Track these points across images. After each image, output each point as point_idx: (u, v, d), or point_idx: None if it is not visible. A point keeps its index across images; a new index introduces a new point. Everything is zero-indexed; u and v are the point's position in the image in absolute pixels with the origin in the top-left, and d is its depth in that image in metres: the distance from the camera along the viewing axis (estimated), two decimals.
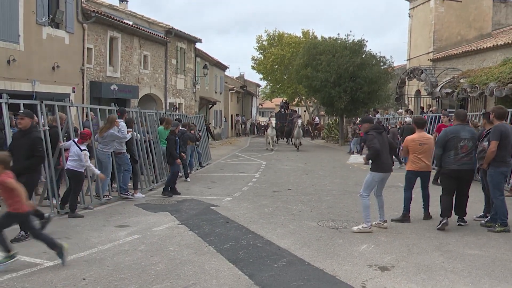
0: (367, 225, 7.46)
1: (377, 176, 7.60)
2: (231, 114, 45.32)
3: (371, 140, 7.52)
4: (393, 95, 28.53)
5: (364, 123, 8.09)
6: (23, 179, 6.31)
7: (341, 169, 16.71)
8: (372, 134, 7.57)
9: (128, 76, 21.49)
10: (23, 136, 6.82)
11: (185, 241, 6.91)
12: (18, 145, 6.76)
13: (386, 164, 7.63)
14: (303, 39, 43.01)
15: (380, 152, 7.49)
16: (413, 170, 8.27)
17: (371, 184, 7.64)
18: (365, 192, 7.59)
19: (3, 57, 13.53)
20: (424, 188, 8.46)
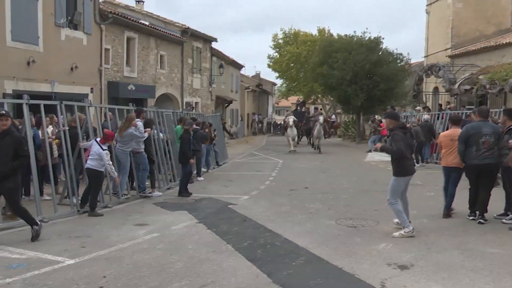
0: (408, 229, 7.01)
1: (402, 180, 7.17)
2: (247, 113, 45.37)
3: (397, 141, 6.95)
4: (410, 93, 28.26)
5: (389, 118, 7.39)
6: (11, 184, 6.36)
7: (358, 168, 16.61)
8: (398, 134, 7.01)
9: (145, 76, 21.67)
10: (3, 137, 6.41)
11: (203, 239, 6.95)
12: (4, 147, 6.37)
13: (409, 166, 7.20)
14: (319, 37, 42.83)
15: (404, 155, 7.03)
16: (445, 166, 8.46)
17: (398, 189, 7.20)
18: (392, 199, 7.13)
19: (23, 58, 13.75)
20: (452, 185, 8.39)
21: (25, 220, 6.74)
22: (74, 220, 8.17)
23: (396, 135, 7.02)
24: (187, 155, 10.88)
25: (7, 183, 6.27)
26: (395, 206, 7.13)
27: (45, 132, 8.75)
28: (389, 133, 7.39)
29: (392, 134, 7.14)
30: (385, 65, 27.00)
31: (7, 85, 13.13)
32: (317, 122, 23.07)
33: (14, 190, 6.38)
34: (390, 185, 7.20)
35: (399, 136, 6.98)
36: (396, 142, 6.97)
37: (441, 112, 18.84)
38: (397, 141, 6.96)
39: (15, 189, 6.41)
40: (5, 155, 6.30)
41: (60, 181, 10.66)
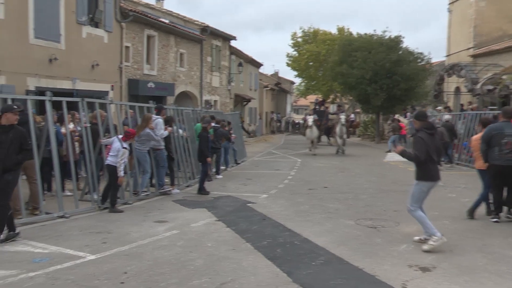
0: (437, 236, 6.31)
1: (425, 186, 6.51)
2: (266, 112, 45.34)
3: (419, 145, 6.39)
4: (431, 92, 27.91)
5: (416, 119, 6.75)
6: (10, 176, 6.29)
7: (378, 167, 16.47)
8: (421, 137, 6.41)
9: (164, 73, 21.79)
10: (7, 131, 6.30)
11: (222, 237, 6.95)
12: (6, 141, 6.26)
13: (434, 171, 6.54)
14: (338, 35, 42.58)
15: (428, 159, 6.40)
16: (479, 168, 8.36)
17: (420, 196, 6.56)
18: (413, 206, 6.53)
19: (45, 55, 13.94)
20: (484, 187, 8.28)
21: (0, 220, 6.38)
22: (95, 216, 8.25)
23: (419, 138, 6.46)
24: (205, 153, 10.89)
25: (8, 176, 6.24)
26: (416, 213, 6.53)
27: (66, 129, 8.84)
28: (414, 133, 6.93)
29: (415, 136, 6.62)
30: (406, 64, 26.73)
31: (30, 82, 13.32)
32: (339, 120, 21.26)
33: (12, 183, 6.37)
34: (412, 191, 6.61)
35: (421, 140, 6.42)
36: (416, 146, 6.46)
37: (462, 113, 18.56)
38: (418, 144, 6.44)
39: (13, 182, 6.39)
40: (11, 149, 6.28)
41: (81, 177, 10.79)
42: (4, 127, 6.27)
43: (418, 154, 6.36)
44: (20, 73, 12.91)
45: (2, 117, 6.28)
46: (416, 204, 6.55)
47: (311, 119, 20.87)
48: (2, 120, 6.28)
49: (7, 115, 6.28)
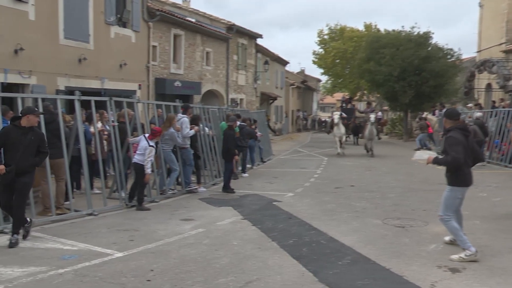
0: (470, 251, 5.72)
1: (459, 192, 5.95)
2: (292, 110, 45.21)
3: (455, 145, 5.73)
4: (461, 89, 27.33)
5: (448, 118, 6.09)
6: (26, 179, 6.31)
7: (406, 166, 16.20)
8: (456, 137, 5.79)
9: (191, 72, 21.94)
10: (26, 133, 6.26)
11: (248, 235, 6.95)
12: (24, 143, 6.22)
13: (469, 175, 5.98)
14: (365, 32, 42.09)
15: (464, 163, 5.81)
16: None
17: (454, 203, 5.97)
18: (446, 214, 5.92)
19: (74, 56, 14.20)
20: None
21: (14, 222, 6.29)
22: (123, 214, 8.36)
23: (454, 138, 5.79)
24: (232, 151, 10.88)
25: (24, 178, 6.29)
26: (449, 223, 5.91)
27: (95, 128, 8.98)
28: (444, 135, 6.22)
29: (448, 136, 5.90)
30: (435, 61, 26.22)
31: (59, 82, 13.59)
32: (369, 120, 19.77)
33: (28, 185, 6.45)
34: (444, 197, 6.00)
35: (456, 140, 5.77)
36: (452, 147, 5.74)
37: (494, 110, 18.10)
38: (454, 145, 5.74)
39: (29, 184, 6.47)
40: (28, 151, 6.29)
41: (109, 175, 10.95)
42: (24, 128, 6.27)
43: (456, 155, 5.68)
44: (50, 73, 13.18)
45: (23, 119, 6.29)
46: (449, 213, 5.91)
47: (337, 115, 19.86)
48: (23, 122, 6.28)
49: (29, 117, 6.30)
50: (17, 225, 6.27)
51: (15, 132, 6.20)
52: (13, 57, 12.04)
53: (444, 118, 6.31)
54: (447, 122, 6.13)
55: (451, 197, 5.95)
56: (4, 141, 6.18)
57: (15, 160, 6.13)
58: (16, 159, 6.12)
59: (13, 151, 6.15)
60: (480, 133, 15.23)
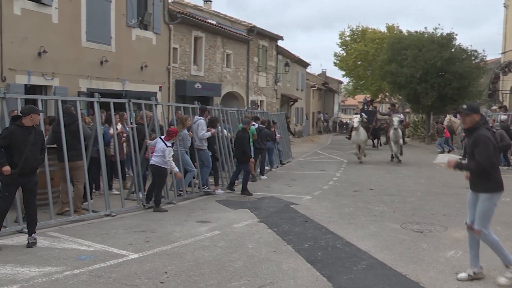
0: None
1: (496, 198, 5.18)
2: (313, 112, 45.01)
3: (485, 146, 4.96)
4: (485, 91, 26.81)
5: (471, 113, 5.14)
6: (36, 177, 6.36)
7: (427, 169, 15.96)
8: (486, 135, 5.02)
9: (211, 74, 22.02)
10: (30, 132, 6.24)
11: (263, 239, 6.92)
12: (30, 142, 6.21)
13: (500, 177, 5.24)
14: (388, 34, 41.66)
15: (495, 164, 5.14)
16: None
17: (491, 213, 5.19)
18: (485, 228, 5.14)
19: (96, 58, 14.39)
20: None
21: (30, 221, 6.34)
22: (140, 215, 8.42)
23: (482, 136, 5.00)
24: (248, 154, 10.83)
25: (34, 177, 6.35)
26: (491, 238, 5.17)
27: (114, 129, 9.07)
28: (468, 133, 5.26)
29: (477, 135, 5.05)
30: (458, 62, 25.81)
31: (82, 84, 13.79)
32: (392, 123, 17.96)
33: (37, 184, 6.51)
34: (482, 209, 5.13)
35: (486, 139, 4.99)
36: (482, 148, 4.96)
37: None
38: (484, 146, 4.97)
39: (38, 182, 6.54)
40: (36, 150, 6.33)
41: (128, 176, 11.05)
42: (28, 128, 6.26)
43: (487, 158, 4.94)
44: (73, 75, 13.39)
45: (27, 118, 6.24)
46: (487, 224, 5.16)
47: (357, 119, 17.82)
48: (26, 121, 6.25)
49: (32, 116, 6.28)
50: (33, 225, 6.35)
51: (20, 132, 6.19)
52: (37, 59, 12.27)
53: (462, 115, 5.24)
54: (469, 118, 5.14)
55: (490, 205, 5.15)
56: (9, 142, 6.15)
57: (23, 160, 6.13)
58: (24, 159, 6.13)
59: (20, 151, 6.14)
60: (507, 137, 14.89)
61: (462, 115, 5.26)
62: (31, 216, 6.33)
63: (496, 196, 5.18)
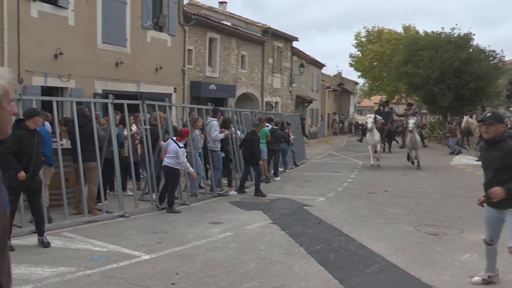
0: None
1: None
2: (328, 113, 44.82)
3: None
4: (504, 92, 26.42)
5: (496, 122, 4.68)
6: (40, 177, 6.41)
7: (443, 171, 15.78)
8: None
9: (226, 75, 22.06)
10: (33, 135, 6.26)
11: (276, 240, 6.90)
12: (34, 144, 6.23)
13: None
14: (404, 34, 41.30)
15: None
16: None
17: None
18: None
19: (112, 59, 14.52)
20: None
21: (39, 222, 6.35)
22: (153, 216, 8.46)
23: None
24: (257, 156, 10.83)
25: (39, 177, 6.40)
26: None
27: (128, 130, 9.13)
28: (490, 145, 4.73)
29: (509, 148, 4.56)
30: (476, 63, 25.45)
31: (97, 85, 13.92)
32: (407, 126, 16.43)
33: (42, 183, 6.54)
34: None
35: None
36: None
37: None
38: None
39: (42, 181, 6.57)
40: (39, 151, 6.35)
41: (142, 177, 11.12)
42: (31, 131, 6.25)
43: None
44: (88, 76, 13.52)
45: (30, 121, 6.22)
46: None
47: (371, 119, 16.53)
48: (30, 124, 6.23)
49: (35, 119, 6.28)
50: (42, 225, 6.39)
51: (27, 136, 6.19)
52: (53, 61, 12.42)
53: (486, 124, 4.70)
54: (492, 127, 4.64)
55: None
56: (19, 146, 6.13)
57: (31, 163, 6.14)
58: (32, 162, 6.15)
59: (27, 155, 6.14)
60: None
61: (485, 123, 4.68)
62: (40, 216, 6.36)
63: None
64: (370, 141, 16.55)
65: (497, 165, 4.62)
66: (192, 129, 9.81)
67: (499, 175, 4.60)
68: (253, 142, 10.79)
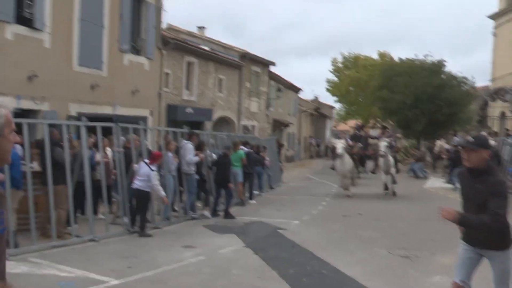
0: None
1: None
2: (305, 136, 45.13)
3: (505, 199, 3.78)
4: (475, 117, 27.10)
5: (479, 148, 3.90)
6: None
7: (417, 194, 15.95)
8: (506, 183, 4.03)
9: (203, 99, 22.10)
10: None
11: (249, 264, 6.84)
12: None
13: None
14: (380, 61, 42.22)
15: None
16: None
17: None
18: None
19: (87, 82, 14.39)
20: None
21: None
22: (125, 240, 8.32)
23: (502, 185, 3.88)
24: (228, 179, 10.83)
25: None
26: None
27: (100, 153, 9.01)
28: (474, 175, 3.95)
29: (494, 182, 3.83)
30: (449, 89, 26.15)
31: (72, 108, 13.76)
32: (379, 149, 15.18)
33: None
34: (503, 269, 3.97)
35: (506, 187, 3.88)
36: (502, 200, 3.75)
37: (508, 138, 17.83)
38: (504, 198, 3.77)
39: None
40: None
41: (115, 201, 10.94)
42: None
43: (506, 213, 3.76)
44: (63, 99, 13.36)
45: None
46: None
47: (341, 144, 14.68)
48: None
49: None
50: None
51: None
52: (27, 83, 12.25)
53: (467, 150, 3.96)
54: (474, 154, 3.90)
55: (511, 261, 3.97)
56: None
57: None
58: None
59: None
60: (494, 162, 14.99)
61: (467, 149, 3.95)
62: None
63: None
64: (341, 170, 14.68)
65: (479, 200, 3.86)
66: (166, 151, 9.75)
67: (483, 210, 3.80)
68: (225, 165, 10.81)
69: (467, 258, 4.15)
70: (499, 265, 3.98)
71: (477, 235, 3.99)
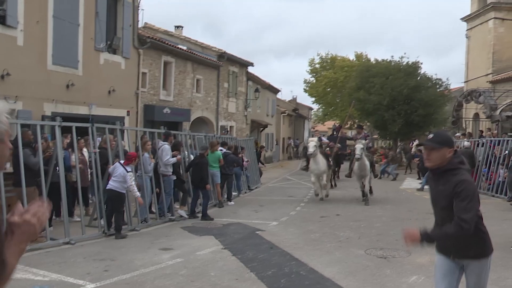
0: None
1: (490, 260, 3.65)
2: (283, 137, 45.27)
3: (474, 200, 3.41)
4: (449, 119, 27.57)
5: (440, 146, 3.52)
6: None
7: (393, 195, 16.15)
8: (473, 183, 3.60)
9: (181, 99, 21.95)
10: None
11: (227, 266, 6.81)
12: None
13: None
14: (356, 62, 42.63)
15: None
16: None
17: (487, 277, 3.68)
18: None
19: (62, 81, 14.14)
20: None
21: None
22: (101, 243, 8.20)
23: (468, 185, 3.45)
24: (205, 180, 10.77)
25: None
26: None
27: (75, 154, 8.88)
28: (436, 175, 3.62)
29: (459, 182, 3.43)
30: (424, 90, 26.58)
31: (46, 108, 13.49)
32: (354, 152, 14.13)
33: None
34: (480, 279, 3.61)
35: (473, 187, 3.52)
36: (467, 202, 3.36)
37: (482, 139, 18.20)
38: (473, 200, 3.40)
39: None
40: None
41: (91, 202, 10.78)
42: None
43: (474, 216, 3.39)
44: (37, 98, 13.09)
45: None
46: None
47: (313, 143, 13.60)
48: None
49: None
50: None
51: None
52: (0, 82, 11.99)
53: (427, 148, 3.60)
54: (435, 153, 3.54)
55: (488, 271, 3.65)
56: None
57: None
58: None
59: None
60: (468, 163, 15.22)
61: (427, 148, 3.61)
62: None
63: (490, 259, 3.63)
64: (315, 170, 13.66)
65: (444, 202, 3.52)
66: (142, 152, 9.64)
67: (451, 215, 3.43)
68: (202, 166, 10.74)
69: (447, 270, 3.67)
70: (473, 277, 3.60)
71: (455, 245, 3.58)
